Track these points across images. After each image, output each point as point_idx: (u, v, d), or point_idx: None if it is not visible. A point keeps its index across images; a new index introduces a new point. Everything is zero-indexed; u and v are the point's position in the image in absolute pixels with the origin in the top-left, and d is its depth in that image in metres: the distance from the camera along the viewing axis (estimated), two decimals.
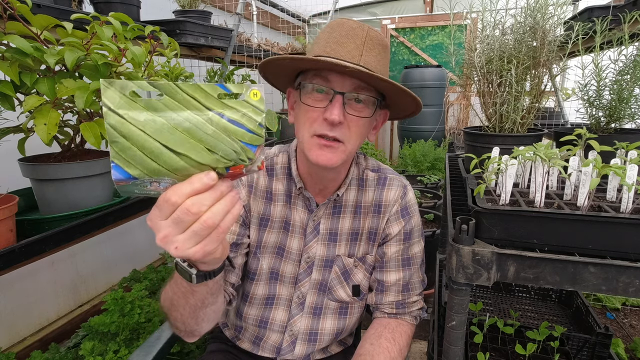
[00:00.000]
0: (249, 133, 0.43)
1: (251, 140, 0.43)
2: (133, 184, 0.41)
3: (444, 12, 4.65)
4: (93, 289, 2.21)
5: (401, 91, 0.77)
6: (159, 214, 0.44)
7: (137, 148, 0.39)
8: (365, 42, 0.76)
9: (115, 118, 0.39)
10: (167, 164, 0.41)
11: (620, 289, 0.60)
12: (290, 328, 0.93)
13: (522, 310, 1.57)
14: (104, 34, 0.94)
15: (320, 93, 0.76)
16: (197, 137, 0.41)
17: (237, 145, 0.43)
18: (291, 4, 3.78)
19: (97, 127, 0.94)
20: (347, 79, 0.75)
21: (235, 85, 0.42)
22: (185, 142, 0.41)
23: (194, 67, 2.57)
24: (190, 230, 0.44)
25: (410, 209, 0.94)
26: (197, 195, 0.43)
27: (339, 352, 1.01)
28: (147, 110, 0.39)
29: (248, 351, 0.98)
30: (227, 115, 0.42)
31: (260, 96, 0.43)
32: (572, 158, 0.75)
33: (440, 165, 3.62)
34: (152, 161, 0.40)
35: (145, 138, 0.39)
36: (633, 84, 0.96)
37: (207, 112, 0.41)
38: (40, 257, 0.95)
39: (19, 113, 0.91)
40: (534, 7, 0.99)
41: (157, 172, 0.41)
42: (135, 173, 0.40)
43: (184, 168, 0.42)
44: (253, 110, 0.43)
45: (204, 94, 0.41)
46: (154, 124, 0.39)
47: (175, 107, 0.40)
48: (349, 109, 0.76)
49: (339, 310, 0.95)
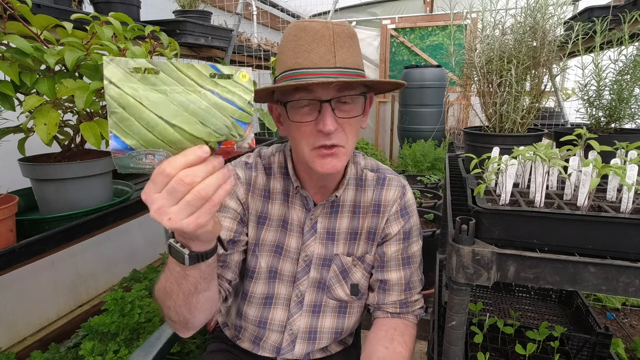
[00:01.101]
0: (239, 110, 0.46)
1: (241, 117, 0.46)
2: (129, 155, 0.44)
3: (444, 12, 4.65)
4: (93, 289, 2.21)
5: (382, 81, 0.80)
6: (153, 187, 0.46)
7: (135, 119, 0.42)
8: (335, 41, 0.74)
9: (115, 90, 0.41)
10: (162, 135, 0.43)
11: (620, 289, 0.60)
12: (289, 327, 0.93)
13: (522, 310, 1.57)
14: (104, 34, 0.94)
15: (306, 107, 0.76)
16: (190, 110, 0.43)
17: (229, 120, 0.45)
18: (291, 4, 3.78)
19: (97, 127, 0.94)
20: (329, 87, 0.74)
21: (226, 67, 0.45)
22: (179, 114, 0.43)
23: None
24: (184, 201, 0.46)
25: (409, 209, 0.95)
26: (191, 167, 0.45)
27: (339, 351, 1.01)
28: (144, 84, 0.42)
29: (248, 351, 0.98)
30: (218, 92, 0.45)
31: (249, 78, 0.46)
32: (572, 158, 0.75)
33: (440, 165, 3.61)
34: (148, 132, 0.42)
35: (142, 109, 0.42)
36: (633, 84, 0.96)
37: (200, 89, 0.44)
38: (40, 257, 0.95)
39: (19, 113, 0.91)
40: (534, 7, 0.99)
41: (153, 143, 0.43)
42: (132, 143, 0.42)
43: (178, 140, 0.44)
44: (243, 90, 0.46)
45: (197, 72, 0.44)
46: (151, 97, 0.42)
47: (170, 83, 0.43)
48: (339, 113, 0.76)
49: (338, 309, 0.95)
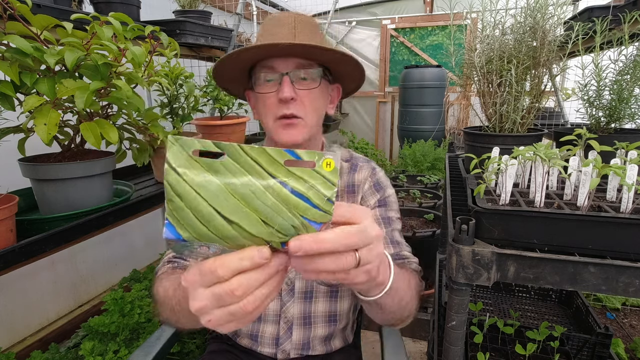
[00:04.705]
0: (313, 209, 0.38)
1: (315, 217, 0.38)
2: (182, 245, 0.39)
3: (444, 12, 4.65)
4: (93, 289, 2.21)
5: (340, 57, 0.82)
6: (199, 280, 0.41)
7: (190, 210, 0.37)
8: (296, 25, 0.84)
9: (174, 177, 0.36)
10: (217, 231, 0.38)
11: (620, 289, 0.60)
12: (284, 315, 0.94)
13: (522, 310, 1.57)
14: (104, 34, 0.94)
15: (270, 82, 0.84)
16: (253, 206, 0.37)
17: (298, 220, 0.38)
18: (291, 4, 3.77)
19: (97, 127, 0.94)
20: (289, 60, 0.82)
21: (306, 152, 0.38)
22: (239, 210, 0.37)
23: (194, 67, 2.57)
24: (228, 311, 0.41)
25: (382, 184, 0.98)
26: (245, 275, 0.40)
27: (340, 348, 1.01)
28: (207, 171, 0.37)
29: (248, 349, 0.98)
30: (290, 185, 0.37)
31: (334, 167, 0.38)
32: (572, 158, 0.75)
33: (440, 165, 3.61)
34: (202, 225, 0.38)
35: (199, 201, 0.37)
36: (633, 84, 0.96)
37: (269, 179, 0.37)
38: (40, 257, 0.95)
39: (19, 113, 0.91)
40: (534, 7, 0.99)
41: (207, 237, 0.38)
42: (185, 235, 0.38)
43: (235, 237, 0.38)
44: (323, 183, 0.38)
45: (269, 159, 0.37)
46: (210, 187, 0.37)
47: (236, 170, 0.37)
48: (298, 86, 0.83)
49: (330, 294, 0.96)
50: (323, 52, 0.80)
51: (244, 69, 0.88)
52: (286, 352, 0.94)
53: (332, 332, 0.99)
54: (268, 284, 0.41)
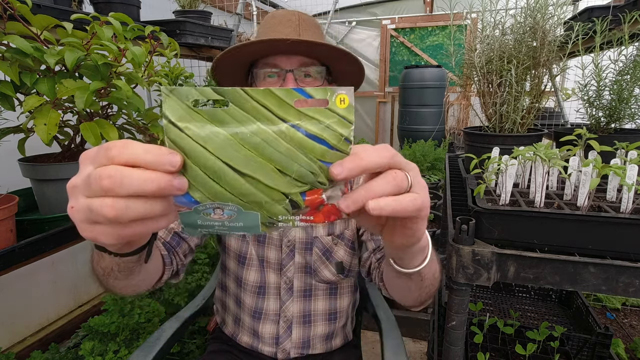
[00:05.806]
0: (331, 150, 0.34)
1: (332, 160, 0.35)
2: (195, 210, 0.36)
3: (444, 13, 4.65)
4: (93, 289, 2.21)
5: (342, 55, 0.82)
6: (94, 153, 0.35)
7: (199, 167, 0.34)
8: (300, 23, 0.83)
9: (175, 132, 0.33)
10: (231, 187, 0.35)
11: (620, 289, 0.60)
12: (283, 314, 0.94)
13: (522, 310, 1.57)
14: (104, 34, 0.94)
15: (272, 78, 0.83)
16: (266, 155, 0.34)
17: (316, 165, 0.35)
18: (291, 4, 3.77)
19: (97, 127, 0.94)
20: (293, 58, 0.81)
21: (316, 89, 0.34)
22: (252, 160, 0.34)
23: (194, 67, 2.57)
24: (87, 202, 0.34)
25: None
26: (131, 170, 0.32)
27: (340, 347, 1.01)
28: (211, 122, 0.33)
29: (248, 349, 0.98)
30: (304, 127, 0.34)
31: (349, 103, 0.34)
32: (572, 158, 0.75)
33: (440, 165, 3.61)
34: (214, 183, 0.34)
35: (208, 156, 0.33)
36: (633, 84, 0.96)
37: (280, 124, 0.34)
38: (40, 257, 0.95)
39: (19, 113, 0.91)
40: (534, 7, 0.99)
41: (221, 195, 0.35)
42: (198, 196, 0.35)
43: (251, 192, 0.35)
44: (338, 122, 0.34)
45: (277, 101, 0.34)
46: (217, 140, 0.33)
47: (242, 118, 0.34)
48: (301, 83, 0.83)
49: (329, 292, 0.96)
50: (328, 50, 0.79)
51: (244, 64, 0.87)
52: (286, 351, 0.94)
53: (332, 330, 0.99)
54: (149, 201, 0.33)
